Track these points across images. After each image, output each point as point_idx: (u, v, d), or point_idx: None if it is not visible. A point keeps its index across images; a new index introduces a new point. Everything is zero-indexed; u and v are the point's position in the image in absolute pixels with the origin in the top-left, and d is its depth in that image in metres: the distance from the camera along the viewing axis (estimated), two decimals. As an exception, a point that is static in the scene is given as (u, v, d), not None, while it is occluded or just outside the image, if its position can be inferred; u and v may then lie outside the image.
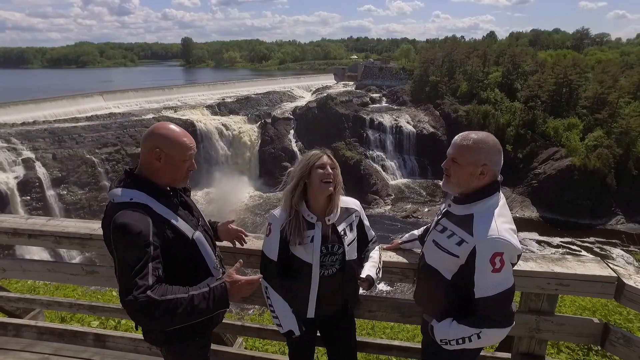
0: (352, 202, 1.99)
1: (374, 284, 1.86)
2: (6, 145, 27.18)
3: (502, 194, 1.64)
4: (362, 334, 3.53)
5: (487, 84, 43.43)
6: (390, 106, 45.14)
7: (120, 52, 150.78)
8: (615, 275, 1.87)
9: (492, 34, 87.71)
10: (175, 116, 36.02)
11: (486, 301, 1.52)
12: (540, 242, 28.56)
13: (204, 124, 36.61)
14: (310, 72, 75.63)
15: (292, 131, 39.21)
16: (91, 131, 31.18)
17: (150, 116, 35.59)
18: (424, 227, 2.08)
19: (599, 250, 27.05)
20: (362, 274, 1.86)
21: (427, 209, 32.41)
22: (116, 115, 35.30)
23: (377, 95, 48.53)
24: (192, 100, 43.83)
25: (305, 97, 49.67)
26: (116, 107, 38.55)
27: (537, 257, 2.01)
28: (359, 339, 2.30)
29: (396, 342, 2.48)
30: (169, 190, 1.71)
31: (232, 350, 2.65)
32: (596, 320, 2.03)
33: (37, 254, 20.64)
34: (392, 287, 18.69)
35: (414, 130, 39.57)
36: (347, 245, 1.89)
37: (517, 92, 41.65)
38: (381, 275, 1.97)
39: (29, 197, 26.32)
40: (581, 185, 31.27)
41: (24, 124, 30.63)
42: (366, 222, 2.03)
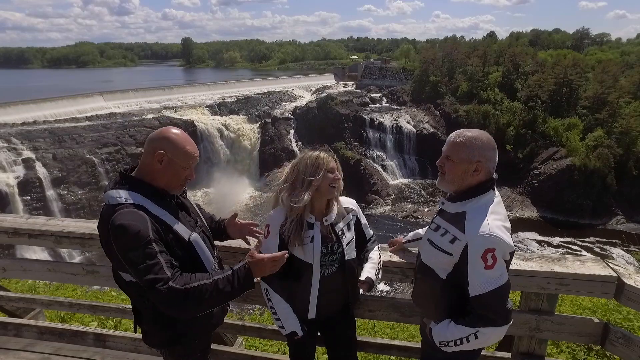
0: (348, 202, 1.99)
1: (374, 286, 1.86)
2: (6, 145, 27.22)
3: (497, 192, 1.63)
4: (362, 333, 3.53)
5: (487, 84, 43.41)
6: (390, 106, 45.12)
7: (120, 52, 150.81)
8: (615, 274, 1.87)
9: (492, 34, 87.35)
10: (175, 116, 36.03)
11: (481, 299, 1.51)
12: (540, 242, 28.55)
13: (204, 124, 36.61)
14: (310, 72, 75.64)
15: (292, 131, 39.19)
16: (91, 131, 31.21)
17: (150, 116, 35.61)
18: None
19: (599, 250, 27.05)
20: (362, 276, 1.85)
21: (427, 209, 32.40)
22: (116, 115, 35.31)
23: (377, 95, 48.48)
24: (192, 100, 43.75)
25: (305, 97, 49.63)
26: (116, 107, 38.56)
27: (537, 257, 2.00)
28: (359, 339, 2.30)
29: (396, 342, 2.47)
30: (165, 191, 1.69)
31: (232, 350, 2.65)
32: (596, 319, 2.03)
33: (38, 253, 20.68)
34: (392, 286, 18.68)
35: (414, 130, 39.57)
36: (346, 244, 1.89)
37: (517, 92, 41.64)
38: (381, 275, 1.96)
39: (29, 197, 26.36)
40: (581, 185, 31.26)
41: (24, 124, 30.67)
42: (363, 220, 2.03)
